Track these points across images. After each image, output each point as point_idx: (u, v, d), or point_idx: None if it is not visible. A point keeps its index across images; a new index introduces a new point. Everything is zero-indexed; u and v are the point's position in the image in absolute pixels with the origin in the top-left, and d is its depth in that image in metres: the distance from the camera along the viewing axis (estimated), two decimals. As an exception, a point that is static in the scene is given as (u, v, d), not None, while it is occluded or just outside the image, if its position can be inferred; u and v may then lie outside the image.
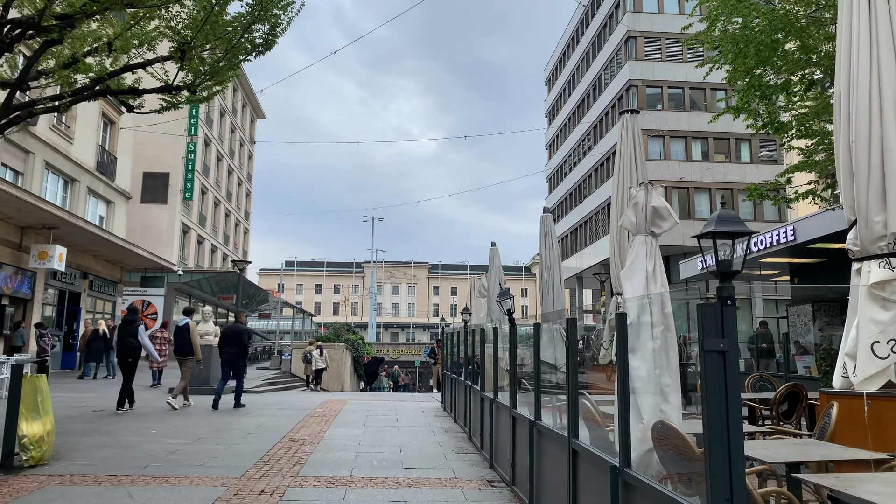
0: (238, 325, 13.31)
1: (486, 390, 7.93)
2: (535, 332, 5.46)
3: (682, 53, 40.25)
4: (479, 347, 8.16)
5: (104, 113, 26.67)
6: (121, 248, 24.86)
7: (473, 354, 9.22)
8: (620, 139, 12.50)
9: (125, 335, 12.07)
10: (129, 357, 12.02)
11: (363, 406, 14.24)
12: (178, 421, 10.70)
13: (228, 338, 13.06)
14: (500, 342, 8.51)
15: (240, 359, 13.09)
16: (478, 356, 9.07)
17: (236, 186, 50.16)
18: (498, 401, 7.00)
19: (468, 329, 10.21)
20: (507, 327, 7.67)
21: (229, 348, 12.97)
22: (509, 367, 6.20)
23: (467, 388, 9.37)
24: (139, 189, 36.58)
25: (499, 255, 8.83)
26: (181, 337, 13.15)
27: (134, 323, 12.29)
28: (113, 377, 20.44)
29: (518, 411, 6.04)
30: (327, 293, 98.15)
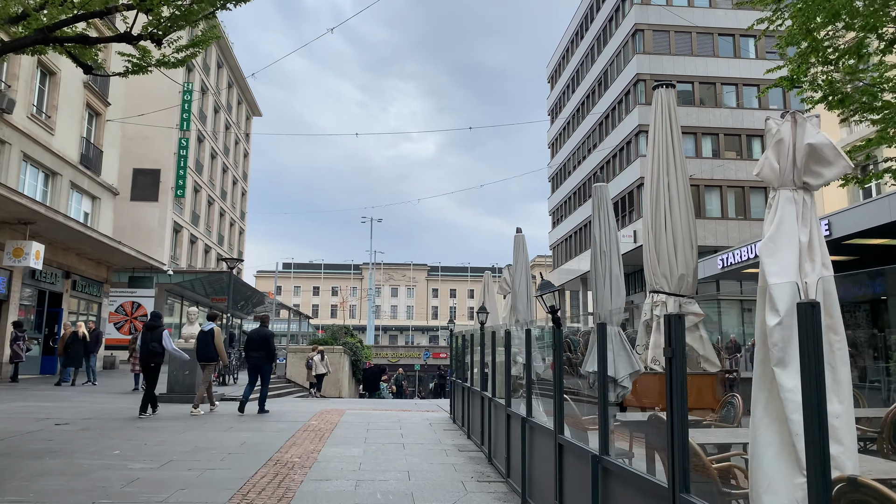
0: (264, 330, 13.27)
1: (514, 405, 6.54)
2: (600, 333, 4.09)
3: (692, 47, 38.98)
4: (506, 354, 6.77)
5: (89, 103, 25.27)
6: (106, 246, 23.46)
7: (494, 361, 7.83)
8: (655, 115, 11.05)
9: (149, 340, 12.07)
10: (152, 362, 12.08)
11: (363, 417, 12.84)
12: (152, 437, 9.29)
13: (254, 342, 13.09)
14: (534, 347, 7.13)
15: (265, 363, 13.09)
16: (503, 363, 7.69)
17: (231, 185, 48.74)
18: (535, 422, 5.61)
19: (487, 331, 8.82)
20: (527, 332, 6.32)
21: (255, 353, 13.00)
22: (554, 379, 4.80)
23: (487, 400, 7.97)
24: (129, 186, 35.14)
25: (525, 243, 7.47)
26: (206, 342, 13.01)
27: (158, 328, 12.29)
28: (94, 383, 19.02)
29: (568, 439, 4.65)
30: (325, 295, 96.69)
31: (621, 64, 40.70)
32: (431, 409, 15.11)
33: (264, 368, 13.13)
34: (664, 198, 10.27)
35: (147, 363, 12.10)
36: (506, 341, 6.81)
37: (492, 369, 7.86)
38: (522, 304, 6.98)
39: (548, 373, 7.99)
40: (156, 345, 12.03)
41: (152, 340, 12.06)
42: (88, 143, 25.54)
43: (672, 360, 2.88)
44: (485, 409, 8.35)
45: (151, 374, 12.18)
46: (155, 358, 12.09)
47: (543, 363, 7.29)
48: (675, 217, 10.22)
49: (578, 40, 50.22)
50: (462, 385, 10.75)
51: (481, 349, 8.82)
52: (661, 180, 10.31)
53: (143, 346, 12.20)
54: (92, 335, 19.31)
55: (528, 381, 5.80)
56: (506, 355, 6.81)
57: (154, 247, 33.90)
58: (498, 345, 7.78)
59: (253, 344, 13.12)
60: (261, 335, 13.10)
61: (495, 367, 7.94)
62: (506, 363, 6.72)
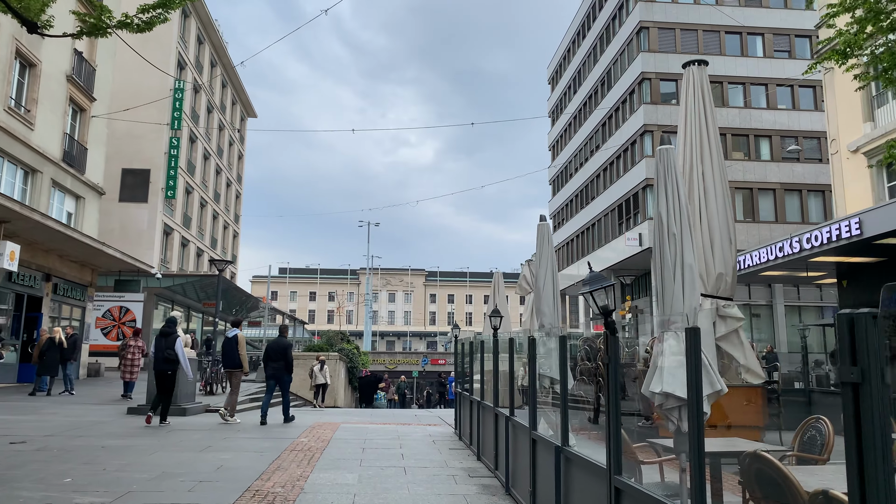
0: (283, 340, 13.27)
1: (544, 430, 5.37)
2: (691, 341, 2.96)
3: (698, 45, 37.95)
4: (529, 367, 5.60)
5: (72, 98, 24.08)
6: (89, 247, 22.27)
7: (512, 373, 6.68)
8: (686, 96, 9.89)
9: (164, 347, 11.97)
10: (168, 370, 11.96)
11: (359, 432, 11.65)
12: (114, 460, 8.09)
13: (273, 352, 13.00)
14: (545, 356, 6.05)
15: (285, 374, 12.96)
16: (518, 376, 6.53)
17: (225, 187, 47.55)
18: (573, 453, 4.44)
19: (502, 338, 7.68)
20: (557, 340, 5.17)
21: (274, 363, 12.90)
22: (607, 401, 3.63)
23: (504, 420, 6.80)
24: (117, 187, 33.96)
25: (549, 233, 6.31)
26: (231, 349, 12.87)
27: (173, 335, 12.14)
28: (71, 393, 17.79)
29: (627, 482, 3.49)
30: (322, 301, 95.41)
31: (625, 62, 39.65)
32: (433, 423, 13.91)
33: (284, 379, 12.97)
34: (698, 188, 9.12)
35: (162, 370, 11.96)
36: (529, 351, 5.63)
37: (509, 383, 6.68)
38: (548, 305, 5.84)
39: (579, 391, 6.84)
40: (171, 352, 11.92)
41: (167, 347, 11.95)
42: (72, 139, 24.36)
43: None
44: (500, 428, 7.17)
45: (167, 382, 12.06)
46: (170, 365, 11.95)
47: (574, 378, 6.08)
48: (710, 209, 9.07)
49: (580, 40, 49.21)
50: (470, 398, 9.57)
51: (494, 358, 7.64)
52: (694, 168, 9.17)
53: (157, 353, 12.07)
54: (69, 341, 18.08)
55: (564, 402, 4.62)
56: (529, 368, 5.63)
57: (143, 249, 32.70)
58: (518, 354, 6.62)
59: (272, 354, 12.97)
60: (280, 345, 12.99)
61: (513, 380, 6.76)
62: (529, 378, 5.54)
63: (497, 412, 7.34)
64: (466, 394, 10.10)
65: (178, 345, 12.04)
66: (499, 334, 9.58)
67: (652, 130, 36.54)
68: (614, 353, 3.68)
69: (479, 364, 8.55)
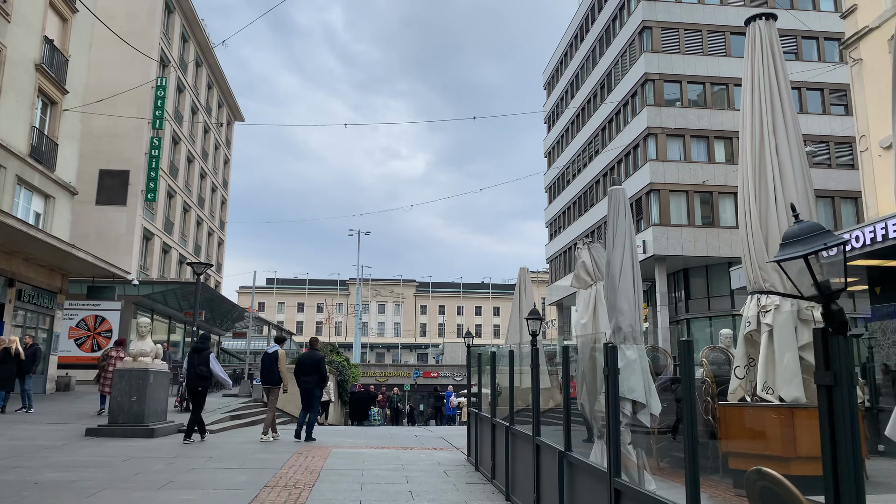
0: (315, 353, 13.03)
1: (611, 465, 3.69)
2: None
3: (703, 46, 36.66)
4: (609, 390, 3.91)
5: (41, 89, 22.28)
6: (58, 250, 20.42)
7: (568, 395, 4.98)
8: (753, 58, 8.24)
9: (196, 363, 11.93)
10: (199, 386, 11.91)
11: (354, 459, 9.89)
12: (45, 502, 6.32)
13: (306, 366, 12.76)
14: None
15: (317, 388, 12.75)
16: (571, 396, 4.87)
17: (210, 192, 45.69)
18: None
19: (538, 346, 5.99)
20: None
21: (307, 377, 12.68)
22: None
23: (558, 459, 5.09)
24: (94, 189, 32.09)
25: (626, 202, 4.70)
26: (270, 365, 12.74)
27: (205, 350, 12.20)
28: (28, 410, 15.90)
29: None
30: (310, 312, 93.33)
31: (627, 64, 38.30)
32: (439, 447, 12.14)
33: (315, 393, 12.72)
34: (772, 163, 7.50)
35: (194, 387, 11.92)
36: (609, 365, 3.94)
37: (565, 409, 4.99)
38: (627, 300, 4.22)
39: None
40: (203, 368, 11.88)
41: (199, 364, 11.90)
42: (41, 133, 22.54)
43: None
44: (546, 466, 5.47)
45: (197, 398, 11.99)
46: (202, 381, 11.90)
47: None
48: (788, 188, 7.45)
49: (578, 43, 47.92)
50: (492, 421, 7.85)
51: (535, 374, 5.94)
52: (766, 141, 7.55)
53: (189, 370, 12.04)
54: (28, 352, 16.22)
55: (692, 449, 2.96)
56: (608, 390, 3.93)
57: (121, 255, 30.80)
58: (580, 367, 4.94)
59: (304, 368, 12.72)
60: (312, 359, 12.79)
61: (569, 403, 5.06)
62: (610, 408, 3.85)
63: (541, 444, 5.64)
64: (486, 416, 8.39)
65: (212, 360, 12.10)
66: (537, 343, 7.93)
67: (656, 133, 35.12)
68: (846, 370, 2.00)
69: (509, 380, 6.84)
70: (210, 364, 12.11)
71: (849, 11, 20.48)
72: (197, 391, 11.94)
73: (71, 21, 24.02)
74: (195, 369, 11.88)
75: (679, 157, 35.15)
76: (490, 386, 7.85)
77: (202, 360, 11.97)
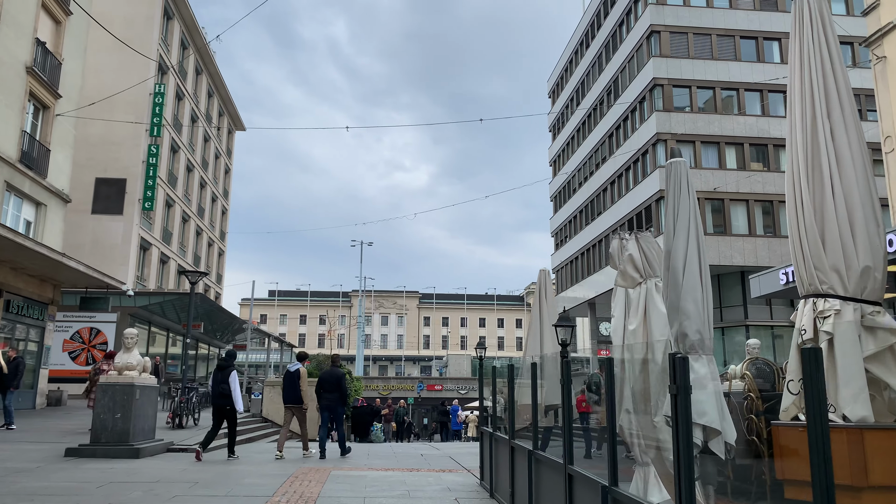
0: (336, 370, 12.97)
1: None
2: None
3: (713, 50, 35.90)
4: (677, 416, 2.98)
5: (33, 93, 21.54)
6: (48, 259, 19.59)
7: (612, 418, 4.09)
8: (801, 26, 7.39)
9: (220, 381, 11.77)
10: (226, 405, 11.73)
11: (355, 485, 8.96)
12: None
13: (327, 383, 12.65)
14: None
15: (339, 405, 12.67)
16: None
17: (210, 202, 44.93)
18: None
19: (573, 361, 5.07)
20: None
21: (328, 394, 12.55)
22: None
23: (601, 494, 4.18)
24: (90, 197, 31.35)
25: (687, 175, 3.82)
26: (292, 383, 12.57)
27: (228, 368, 11.96)
28: (9, 427, 14.99)
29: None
30: (312, 324, 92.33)
31: (634, 69, 37.54)
32: (448, 468, 11.19)
33: (338, 410, 12.69)
34: (827, 150, 6.60)
35: (219, 405, 11.74)
36: (679, 382, 3.04)
37: (609, 433, 4.08)
38: (694, 299, 3.31)
39: None
40: (225, 385, 11.67)
41: (223, 381, 11.70)
42: (32, 139, 21.77)
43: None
44: (581, 499, 4.56)
45: (226, 417, 11.81)
46: (226, 400, 11.65)
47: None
48: (847, 179, 6.53)
49: (583, 50, 47.23)
50: (511, 444, 6.94)
51: (566, 392, 5.05)
52: (820, 123, 6.67)
53: (213, 388, 11.89)
54: (11, 366, 15.32)
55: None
56: (678, 416, 3.03)
57: (117, 265, 29.99)
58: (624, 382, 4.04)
59: (325, 385, 12.62)
60: (333, 375, 12.72)
61: (613, 424, 4.16)
62: (681, 437, 2.95)
63: (575, 475, 4.73)
64: (502, 436, 7.48)
65: (233, 378, 11.76)
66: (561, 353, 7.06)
67: (665, 139, 34.31)
68: None
69: (531, 397, 5.94)
70: (229, 381, 11.75)
71: (870, 8, 19.66)
72: (223, 409, 11.76)
73: (65, 24, 23.31)
74: (219, 387, 11.71)
75: (689, 164, 34.19)
76: (507, 403, 6.94)
77: (225, 378, 11.77)
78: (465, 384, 59.75)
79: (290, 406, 12.59)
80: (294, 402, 12.52)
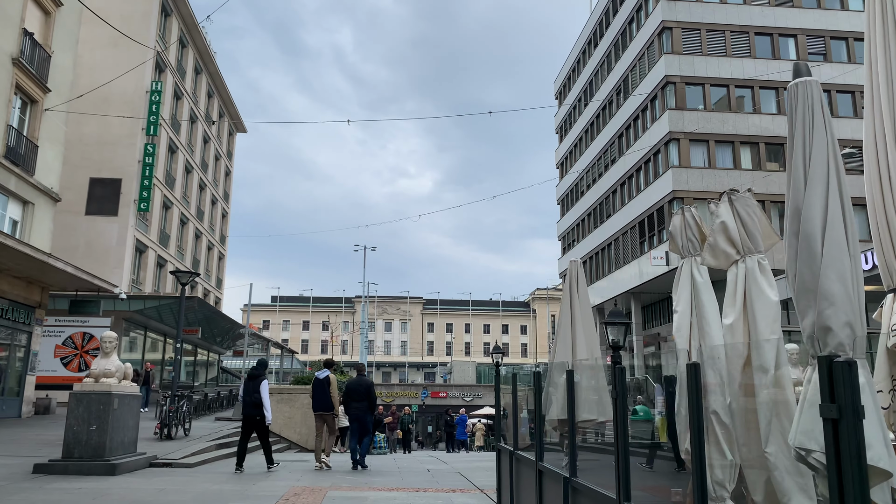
0: (364, 379, 13.05)
1: None
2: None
3: (726, 47, 34.82)
4: (848, 436, 1.77)
5: (20, 86, 20.54)
6: (34, 260, 18.55)
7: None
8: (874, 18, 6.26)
9: (251, 391, 11.58)
10: (256, 414, 11.48)
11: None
12: None
13: (356, 392, 12.58)
14: None
15: (368, 414, 12.65)
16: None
17: (210, 205, 43.92)
18: None
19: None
20: None
21: (357, 403, 12.51)
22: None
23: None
24: (83, 198, 30.35)
25: (822, 99, 2.80)
26: (322, 390, 12.46)
27: (259, 378, 11.69)
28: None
29: None
30: (315, 330, 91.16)
31: (645, 67, 36.47)
32: (458, 487, 10.03)
33: (367, 419, 12.68)
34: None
35: (250, 415, 11.52)
36: (845, 398, 1.85)
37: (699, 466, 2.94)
38: (839, 275, 2.22)
39: None
40: (257, 395, 11.45)
41: (254, 391, 11.51)
42: (19, 134, 20.76)
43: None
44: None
45: (256, 428, 11.59)
46: (258, 410, 11.43)
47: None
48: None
49: (591, 49, 46.19)
50: (539, 466, 5.82)
51: (619, 406, 3.95)
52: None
53: (245, 398, 11.75)
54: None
55: None
56: (847, 450, 1.84)
57: (111, 268, 28.97)
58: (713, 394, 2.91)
59: (353, 394, 12.52)
60: (362, 384, 12.70)
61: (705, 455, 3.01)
62: (844, 490, 1.74)
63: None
64: (526, 457, 6.35)
65: (263, 387, 11.52)
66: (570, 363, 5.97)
67: (678, 138, 33.19)
68: None
69: (568, 411, 4.81)
70: (260, 391, 11.48)
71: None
72: (254, 420, 11.50)
73: (54, 15, 22.34)
74: (250, 397, 11.50)
75: (703, 164, 33.17)
76: (534, 419, 5.80)
77: (255, 388, 11.56)
78: (469, 391, 58.50)
79: (322, 413, 12.48)
80: (325, 410, 12.42)
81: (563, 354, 5.88)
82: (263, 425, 11.67)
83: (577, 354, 5.76)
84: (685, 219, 4.28)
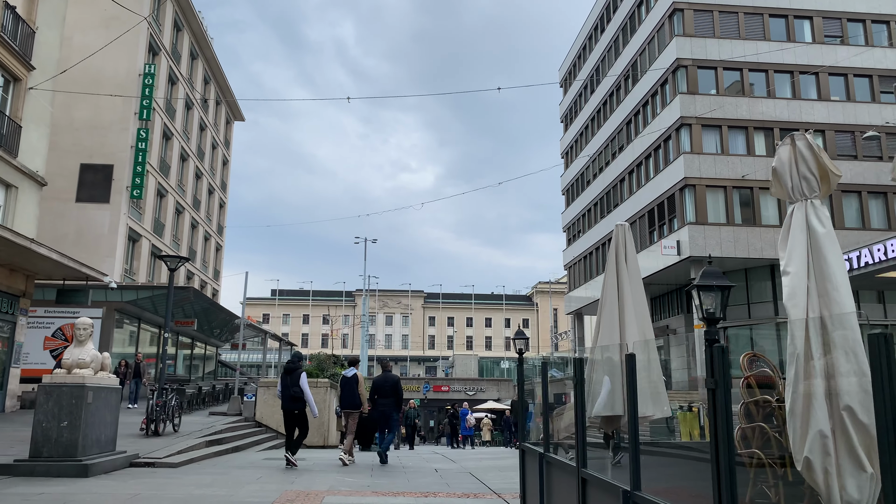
0: (390, 375, 13.06)
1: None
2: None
3: (739, 29, 33.61)
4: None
5: (2, 63, 19.43)
6: (15, 246, 17.46)
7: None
8: None
9: (290, 384, 11.45)
10: (295, 409, 11.45)
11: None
12: None
13: (383, 389, 12.64)
14: None
15: (395, 410, 12.70)
16: None
17: (206, 194, 42.79)
18: None
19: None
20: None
21: (384, 399, 12.58)
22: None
23: None
24: (74, 185, 29.25)
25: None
26: (350, 388, 12.44)
27: (297, 370, 11.66)
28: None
29: None
30: (315, 323, 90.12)
31: (656, 51, 35.26)
32: (471, 491, 8.94)
33: (393, 416, 12.69)
34: None
35: (290, 409, 11.41)
36: None
37: None
38: None
39: None
40: (297, 389, 11.39)
41: (293, 385, 11.41)
42: (1, 113, 19.65)
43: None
44: None
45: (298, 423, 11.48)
46: (297, 404, 11.41)
47: None
48: None
49: (598, 34, 44.96)
50: (582, 474, 4.71)
51: (720, 400, 2.79)
52: None
53: (283, 392, 11.55)
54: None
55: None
56: None
57: (102, 257, 27.86)
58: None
59: (380, 391, 12.59)
60: (388, 381, 12.75)
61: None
62: None
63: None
64: (565, 462, 5.27)
65: (303, 380, 11.48)
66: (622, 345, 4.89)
67: (690, 124, 32.02)
68: None
69: (628, 410, 3.71)
70: (300, 383, 11.38)
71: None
72: (293, 414, 11.41)
73: (38, -12, 21.19)
74: (289, 391, 11.37)
75: (715, 150, 32.02)
76: (576, 418, 4.71)
77: (294, 381, 11.42)
78: (472, 385, 57.51)
79: (350, 411, 12.47)
80: (353, 407, 12.39)
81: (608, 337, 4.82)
82: (304, 418, 11.52)
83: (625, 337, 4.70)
84: (796, 150, 3.19)
